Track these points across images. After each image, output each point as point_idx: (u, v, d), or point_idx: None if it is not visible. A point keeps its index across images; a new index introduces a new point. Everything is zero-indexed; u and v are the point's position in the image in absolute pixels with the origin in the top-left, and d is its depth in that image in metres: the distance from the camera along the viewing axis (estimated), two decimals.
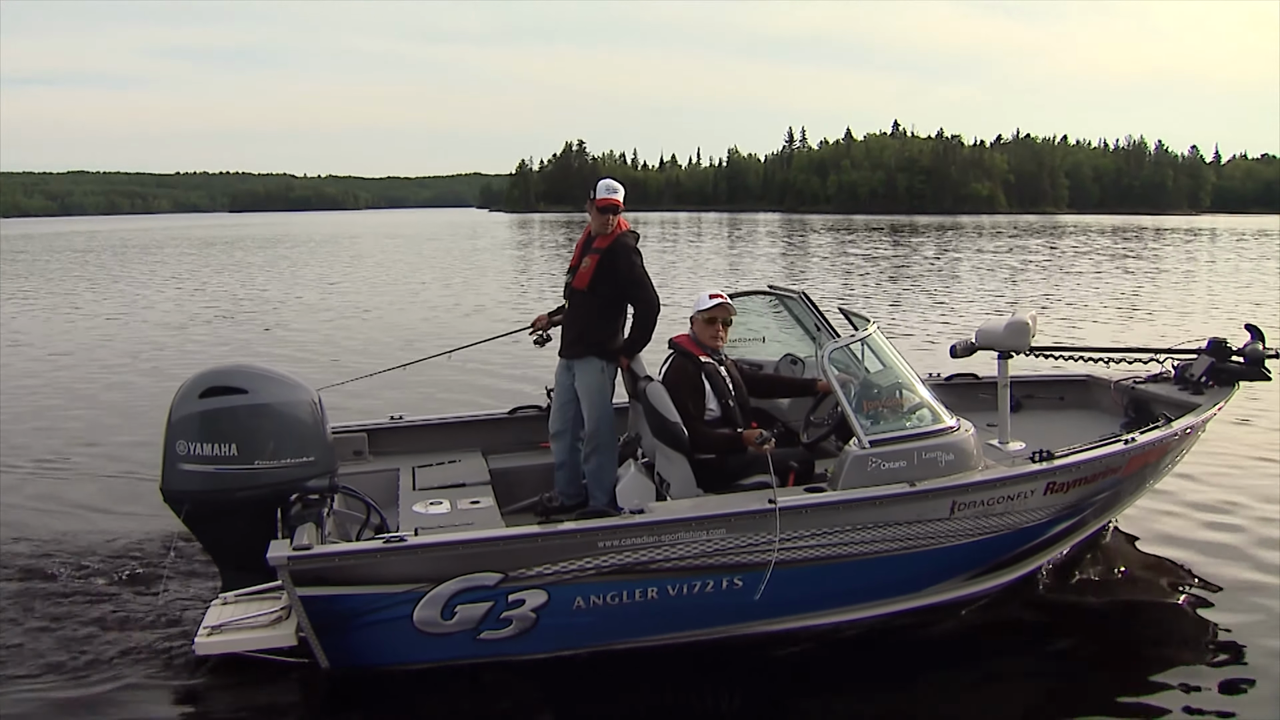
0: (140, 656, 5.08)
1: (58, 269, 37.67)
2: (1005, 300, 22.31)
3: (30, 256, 47.54)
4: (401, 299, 24.00)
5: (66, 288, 28.44)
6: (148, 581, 5.97)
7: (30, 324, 19.77)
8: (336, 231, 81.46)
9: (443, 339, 15.47)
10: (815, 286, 25.74)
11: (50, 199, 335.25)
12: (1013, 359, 6.23)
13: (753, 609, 5.16)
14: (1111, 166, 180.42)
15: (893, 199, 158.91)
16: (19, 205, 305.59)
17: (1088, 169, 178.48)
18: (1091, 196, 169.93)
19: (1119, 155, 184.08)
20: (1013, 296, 23.20)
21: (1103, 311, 20.09)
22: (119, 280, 31.02)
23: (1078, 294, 23.79)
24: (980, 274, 30.63)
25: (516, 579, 4.77)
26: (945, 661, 5.32)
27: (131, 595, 5.80)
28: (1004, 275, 30.02)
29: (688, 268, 34.31)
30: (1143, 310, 20.42)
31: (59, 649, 5.15)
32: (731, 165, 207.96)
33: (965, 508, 5.29)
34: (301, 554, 4.51)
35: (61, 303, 23.93)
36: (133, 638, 5.26)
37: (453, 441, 6.81)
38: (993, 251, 43.24)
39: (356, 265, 38.18)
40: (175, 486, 5.07)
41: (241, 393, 5.09)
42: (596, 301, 5.95)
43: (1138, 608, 5.97)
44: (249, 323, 19.50)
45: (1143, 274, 30.28)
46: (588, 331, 5.99)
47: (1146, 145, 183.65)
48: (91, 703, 4.69)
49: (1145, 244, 50.16)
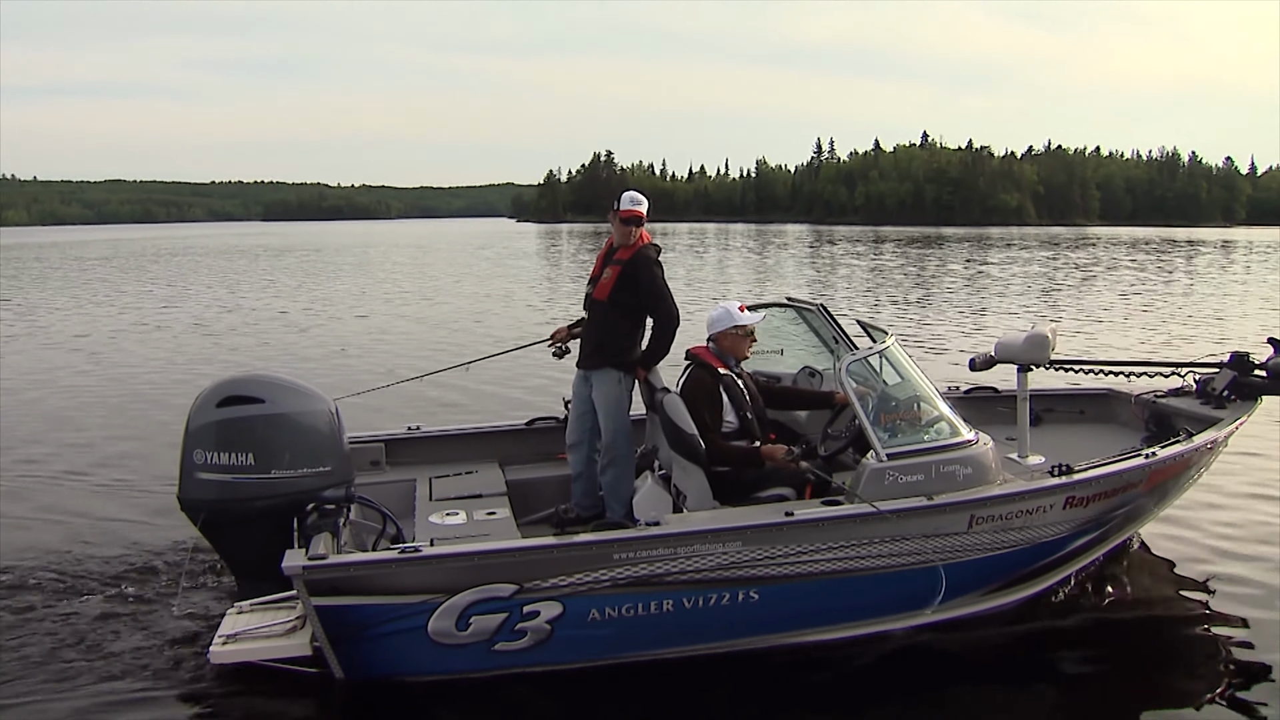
0: (155, 665, 5.11)
1: (110, 275, 38.10)
2: (1030, 313, 22.15)
3: (89, 263, 48.14)
4: (397, 309, 24.11)
5: (119, 297, 28.76)
6: (164, 590, 6.00)
7: (77, 330, 20.01)
8: (350, 242, 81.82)
9: (456, 350, 15.59)
10: (841, 298, 25.68)
11: (87, 207, 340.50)
12: (1032, 372, 6.18)
13: (769, 622, 5.14)
14: (1144, 178, 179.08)
15: (920, 210, 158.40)
16: (56, 214, 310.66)
17: (1120, 180, 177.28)
18: (1123, 208, 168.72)
19: (1151, 166, 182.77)
20: (1037, 309, 23.02)
21: (1126, 325, 19.90)
22: (174, 285, 31.36)
23: (1102, 307, 23.58)
24: (1005, 286, 30.42)
25: (531, 590, 4.77)
26: (963, 677, 5.26)
27: (147, 604, 5.84)
28: (1029, 287, 29.83)
29: (715, 279, 34.28)
30: (1166, 323, 20.19)
31: (74, 657, 5.19)
32: (760, 176, 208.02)
33: (983, 521, 5.24)
34: (316, 563, 4.52)
35: (125, 311, 24.15)
36: (148, 646, 5.29)
37: (470, 452, 6.82)
38: (1019, 264, 42.97)
39: (358, 277, 38.21)
40: (192, 495, 5.09)
41: (259, 402, 5.12)
42: (616, 312, 5.96)
43: (1159, 623, 5.90)
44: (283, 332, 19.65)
45: (1169, 286, 29.99)
46: (606, 343, 5.99)
47: (1180, 156, 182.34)
48: (106, 711, 4.72)
49: (1174, 256, 49.67)
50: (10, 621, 5.62)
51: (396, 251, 61.71)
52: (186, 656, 5.15)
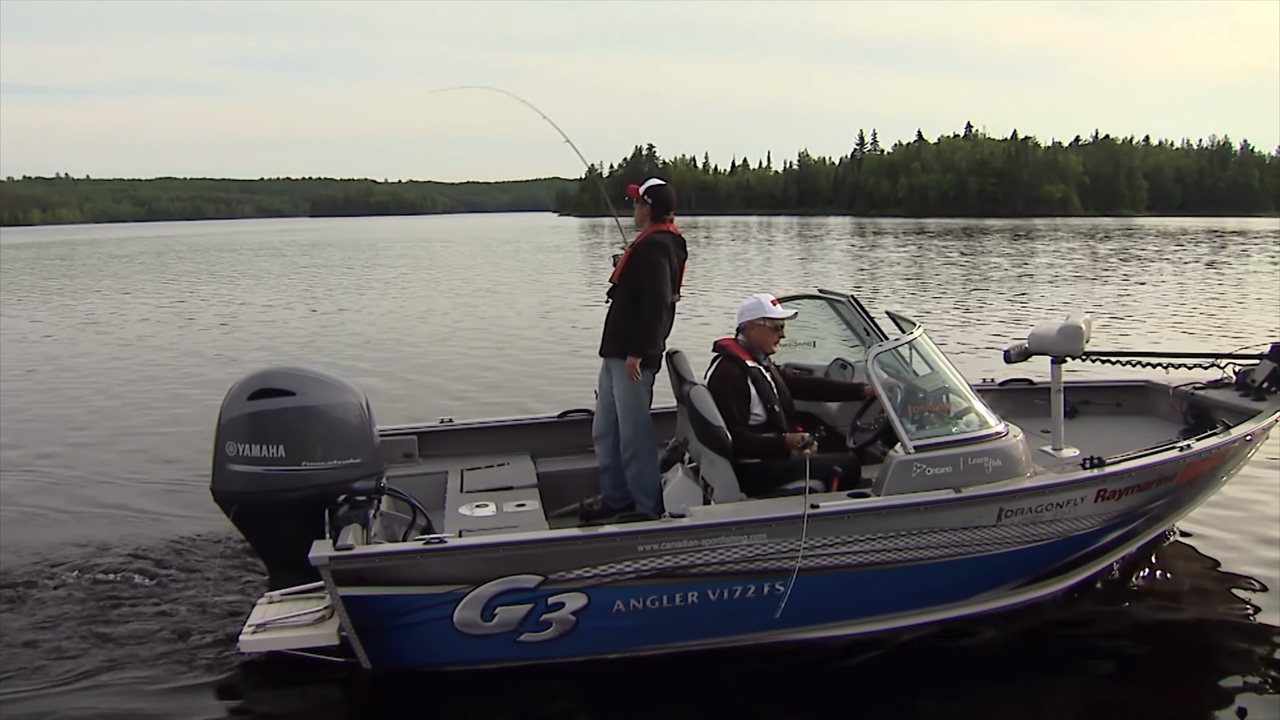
0: (187, 653, 5.20)
1: (180, 272, 38.72)
2: (1071, 304, 21.86)
3: (150, 259, 48.97)
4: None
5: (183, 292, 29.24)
6: (197, 580, 6.11)
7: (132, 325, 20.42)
8: (380, 238, 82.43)
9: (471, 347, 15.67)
10: (881, 290, 25.50)
11: (138, 204, 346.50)
12: (1066, 364, 6.10)
13: (794, 615, 5.11)
14: (1194, 167, 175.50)
15: (963, 202, 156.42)
16: (108, 211, 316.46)
17: (1169, 170, 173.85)
18: (1173, 198, 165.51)
19: (1202, 155, 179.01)
20: (1077, 300, 22.69)
21: (1167, 315, 19.59)
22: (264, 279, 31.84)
23: (1142, 297, 23.20)
24: (1047, 277, 30.01)
25: (556, 582, 4.79)
26: (993, 671, 5.23)
27: (180, 593, 5.94)
28: (1069, 279, 29.37)
29: (759, 272, 34.18)
30: (1208, 314, 19.83)
31: (106, 645, 5.29)
32: (802, 168, 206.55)
33: (1013, 514, 5.18)
34: (343, 554, 4.58)
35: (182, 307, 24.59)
36: (180, 635, 5.39)
37: (502, 445, 6.86)
38: (1061, 255, 42.35)
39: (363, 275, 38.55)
40: (224, 487, 5.16)
41: (289, 395, 5.16)
42: (625, 298, 5.93)
43: (1196, 619, 5.79)
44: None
45: (1213, 277, 29.42)
46: (620, 330, 5.96)
47: (1231, 145, 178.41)
48: (138, 697, 4.81)
49: (1221, 246, 48.69)
50: (45, 610, 5.74)
51: (419, 246, 62.26)
52: (217, 645, 5.24)
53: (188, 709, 4.73)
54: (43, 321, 21.88)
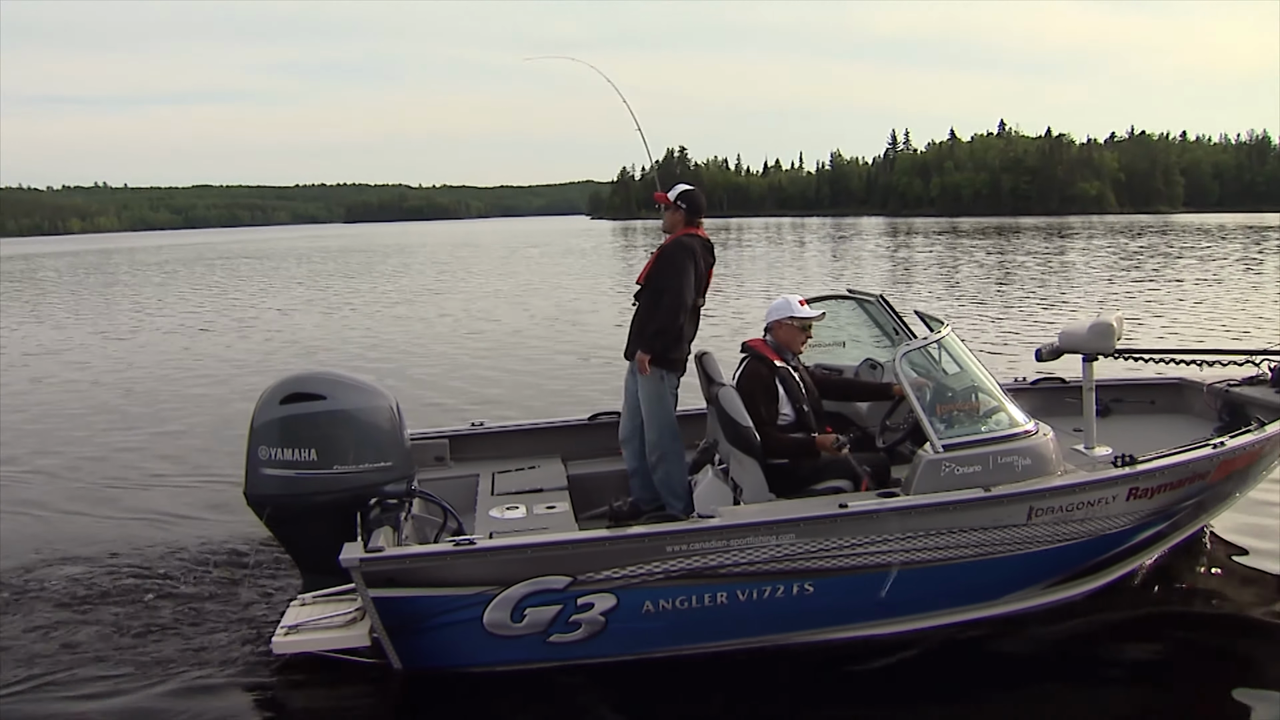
0: (220, 654, 5.27)
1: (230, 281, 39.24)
2: (1106, 301, 21.62)
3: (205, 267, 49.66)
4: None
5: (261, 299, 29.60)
6: (231, 582, 6.20)
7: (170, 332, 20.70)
8: (409, 242, 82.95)
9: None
10: (914, 288, 25.36)
11: (175, 213, 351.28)
12: (1098, 362, 6.05)
13: (823, 615, 5.12)
14: (1232, 163, 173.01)
15: (997, 200, 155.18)
16: (145, 219, 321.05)
17: (1206, 166, 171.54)
18: (1210, 194, 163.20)
19: (1240, 150, 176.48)
20: (1114, 297, 22.45)
21: (1202, 312, 19.32)
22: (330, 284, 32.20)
23: (1178, 294, 22.87)
24: (1081, 275, 29.70)
25: (585, 583, 4.81)
26: (1024, 671, 5.18)
27: (214, 595, 6.03)
28: (1104, 276, 29.04)
29: (793, 274, 34.11)
30: (1244, 310, 19.53)
31: (143, 646, 5.38)
32: (834, 169, 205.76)
33: (1043, 513, 5.15)
34: (373, 556, 4.62)
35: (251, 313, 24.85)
36: (214, 636, 5.47)
37: (533, 448, 6.89)
38: (1094, 252, 41.89)
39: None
40: (258, 491, 5.23)
41: (320, 399, 5.22)
42: (650, 299, 5.94)
43: (1231, 619, 5.73)
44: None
45: (1249, 273, 28.97)
46: None
47: (1270, 139, 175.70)
48: (172, 697, 4.88)
49: (1256, 242, 47.92)
50: (81, 612, 5.84)
51: (442, 251, 62.57)
52: (251, 646, 5.31)
53: (221, 709, 4.79)
54: (70, 328, 22.22)
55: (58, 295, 34.07)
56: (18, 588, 6.23)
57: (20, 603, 6.01)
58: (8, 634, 5.59)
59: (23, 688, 5.00)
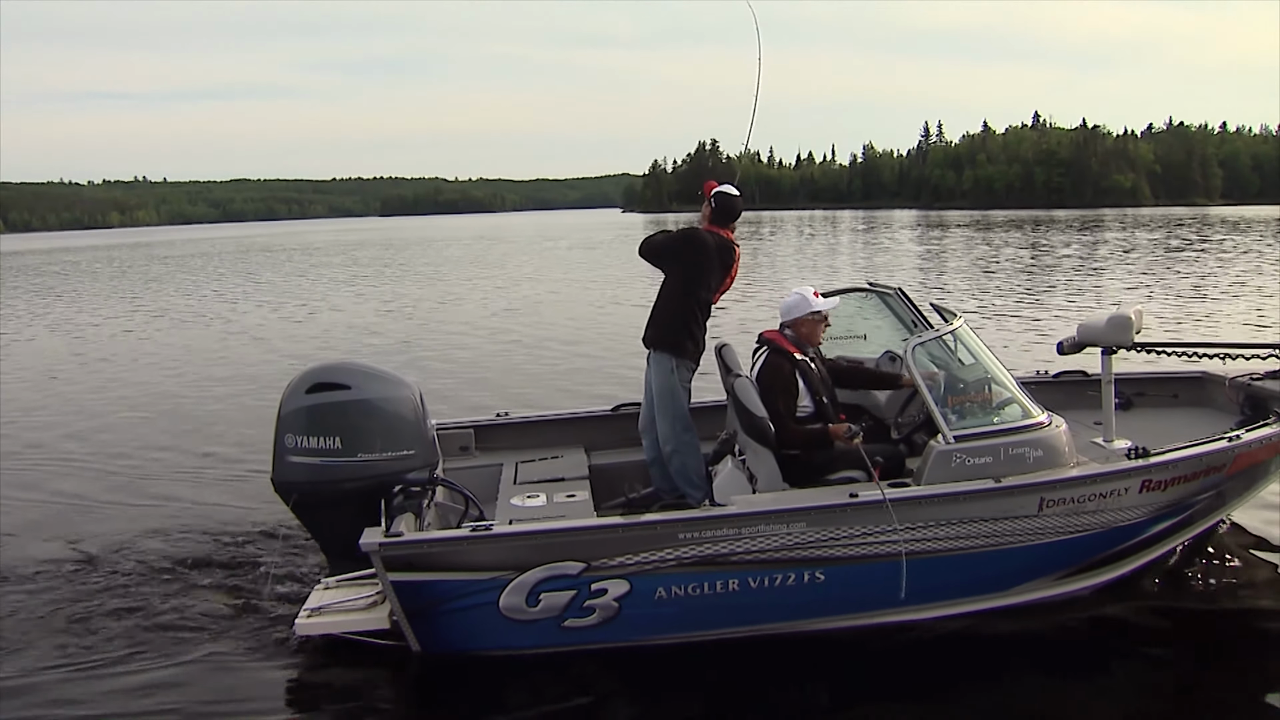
0: (244, 635, 5.44)
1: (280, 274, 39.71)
2: (1133, 294, 21.41)
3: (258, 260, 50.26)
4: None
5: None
6: (257, 566, 6.36)
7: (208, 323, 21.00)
8: (436, 236, 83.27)
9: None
10: (942, 281, 25.24)
11: (213, 206, 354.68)
12: (1117, 355, 6.05)
13: (834, 604, 5.18)
14: (1272, 154, 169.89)
15: (1030, 193, 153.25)
16: (184, 213, 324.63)
17: (1245, 157, 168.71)
18: (1250, 186, 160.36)
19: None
20: (1141, 290, 22.21)
21: (1228, 304, 19.10)
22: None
23: (1205, 288, 22.52)
24: (1111, 268, 29.36)
25: (599, 569, 4.91)
26: (1035, 662, 5.22)
27: (241, 578, 6.21)
28: (1134, 269, 28.69)
29: (826, 265, 34.03)
30: (1271, 303, 19.31)
31: (170, 626, 5.56)
32: (867, 161, 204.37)
33: (1054, 505, 5.18)
34: (392, 540, 4.75)
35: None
36: (239, 617, 5.64)
37: (556, 438, 6.96)
38: (1126, 245, 41.38)
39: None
40: (284, 477, 5.35)
41: (345, 389, 5.34)
42: (664, 285, 6.03)
43: (1247, 612, 5.72)
44: None
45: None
46: (657, 318, 6.04)
47: None
48: (198, 676, 5.06)
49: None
50: (110, 596, 6.03)
51: (457, 246, 62.92)
52: (275, 628, 5.47)
53: (244, 687, 4.96)
54: (105, 319, 22.59)
55: (99, 285, 34.56)
56: (51, 571, 6.45)
57: (52, 585, 6.23)
58: (40, 613, 5.81)
59: (52, 664, 5.19)
